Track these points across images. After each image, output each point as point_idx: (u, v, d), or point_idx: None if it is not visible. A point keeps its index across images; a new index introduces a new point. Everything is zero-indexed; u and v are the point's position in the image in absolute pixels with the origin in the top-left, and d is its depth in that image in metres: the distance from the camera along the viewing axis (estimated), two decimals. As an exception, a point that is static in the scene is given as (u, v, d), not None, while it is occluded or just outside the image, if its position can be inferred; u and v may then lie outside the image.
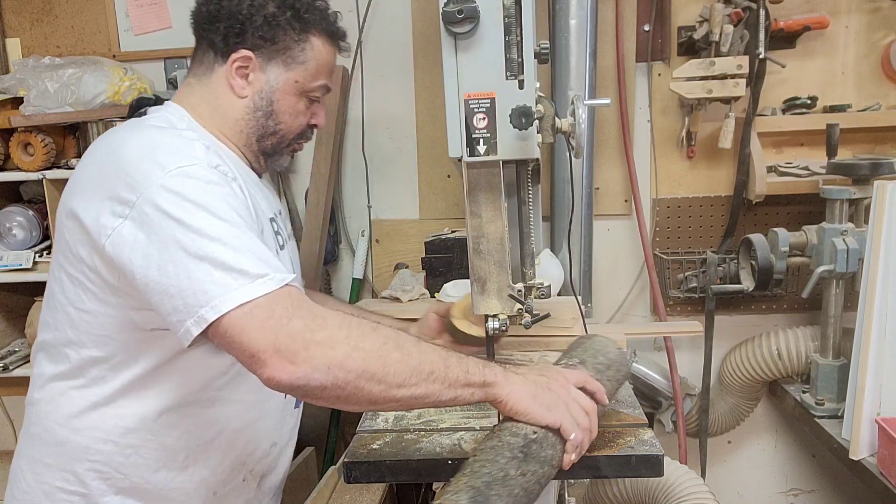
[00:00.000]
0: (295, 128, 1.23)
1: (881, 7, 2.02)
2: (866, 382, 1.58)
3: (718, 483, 2.29)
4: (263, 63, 1.16)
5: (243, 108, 1.18)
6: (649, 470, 1.10)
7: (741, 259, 1.99)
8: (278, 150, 1.24)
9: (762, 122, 2.02)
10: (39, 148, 1.99)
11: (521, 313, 1.28)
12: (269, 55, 1.16)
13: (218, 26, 1.14)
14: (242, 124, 1.19)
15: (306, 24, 1.17)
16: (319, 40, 1.20)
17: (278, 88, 1.17)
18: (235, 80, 1.16)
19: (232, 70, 1.15)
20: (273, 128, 1.20)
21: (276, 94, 1.18)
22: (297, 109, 1.21)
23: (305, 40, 1.18)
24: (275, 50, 1.16)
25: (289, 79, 1.18)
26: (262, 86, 1.17)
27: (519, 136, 1.13)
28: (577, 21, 1.94)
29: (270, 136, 1.21)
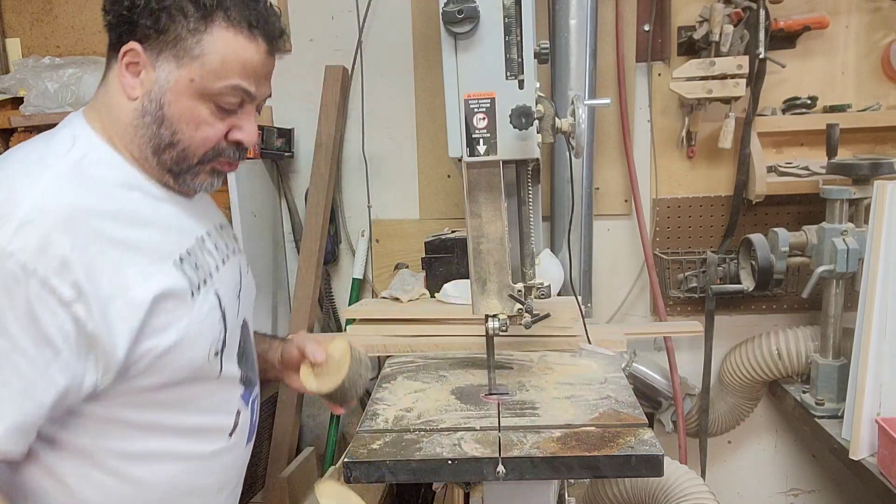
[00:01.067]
0: (199, 141, 0.99)
1: (881, 7, 2.02)
2: (866, 382, 1.58)
3: (718, 483, 2.28)
4: (152, 58, 0.95)
5: (132, 112, 0.97)
6: (649, 470, 1.10)
7: (741, 259, 1.99)
8: (185, 168, 1.00)
9: (762, 122, 2.02)
10: (39, 148, 1.98)
11: (521, 313, 1.28)
12: (158, 48, 0.95)
13: (109, 14, 0.97)
14: (132, 131, 0.98)
15: (202, 8, 0.94)
16: (223, 28, 0.96)
17: (169, 88, 0.96)
18: (125, 77, 0.97)
19: (122, 66, 0.96)
20: (168, 138, 0.97)
21: (168, 96, 0.96)
22: (196, 116, 0.97)
23: (202, 29, 0.95)
24: (164, 41, 0.94)
25: (181, 77, 0.95)
26: (151, 85, 0.96)
27: (519, 136, 1.13)
28: (577, 21, 1.94)
29: (168, 149, 0.98)
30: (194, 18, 0.95)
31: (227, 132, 1.01)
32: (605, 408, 1.26)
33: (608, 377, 1.42)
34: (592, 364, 1.51)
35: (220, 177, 1.06)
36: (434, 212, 2.25)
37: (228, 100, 0.98)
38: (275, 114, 2.24)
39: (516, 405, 1.29)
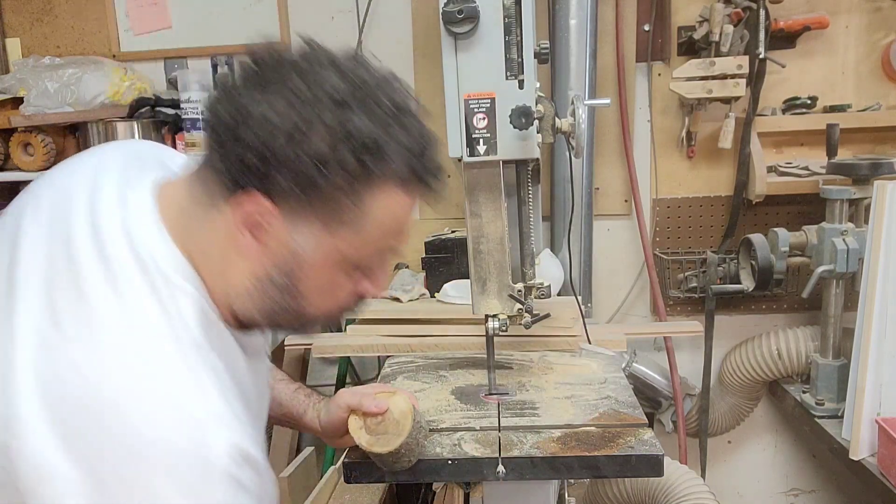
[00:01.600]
0: (329, 306, 0.80)
1: (881, 7, 2.02)
2: (866, 382, 1.58)
3: (718, 483, 2.28)
4: (289, 219, 0.71)
5: (249, 276, 0.75)
6: (649, 470, 1.10)
7: (741, 259, 1.99)
8: (296, 329, 0.84)
9: (762, 122, 2.02)
10: (39, 148, 1.99)
11: (521, 313, 1.28)
12: (299, 209, 0.71)
13: (231, 147, 0.69)
14: (244, 296, 0.76)
15: (369, 170, 0.70)
16: (389, 190, 0.73)
17: (307, 259, 0.74)
18: (242, 234, 0.73)
19: (238, 219, 0.72)
20: (294, 309, 0.78)
21: (304, 267, 0.74)
22: (335, 285, 0.78)
23: (362, 189, 0.71)
24: (308, 202, 0.70)
25: (327, 246, 0.73)
26: (282, 254, 0.73)
27: (519, 136, 1.13)
28: (577, 21, 1.94)
29: (286, 315, 0.79)
30: (355, 175, 0.70)
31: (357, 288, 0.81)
32: (605, 408, 1.26)
33: (608, 377, 1.42)
34: (592, 364, 1.51)
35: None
36: (434, 212, 2.25)
37: (375, 262, 0.79)
38: (275, 114, 2.24)
39: (516, 405, 1.29)
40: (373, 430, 1.02)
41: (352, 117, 0.68)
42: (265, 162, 0.68)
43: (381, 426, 1.02)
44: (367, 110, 0.69)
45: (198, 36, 2.21)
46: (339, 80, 0.70)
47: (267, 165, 0.68)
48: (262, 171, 0.68)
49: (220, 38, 2.21)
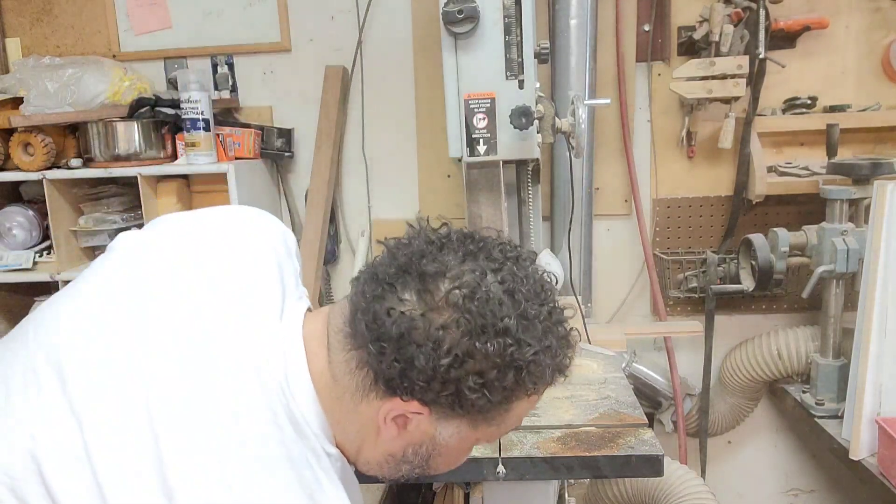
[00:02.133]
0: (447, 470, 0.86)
1: (881, 7, 2.02)
2: (866, 382, 1.58)
3: (718, 483, 2.28)
4: (439, 420, 0.75)
5: (384, 454, 0.80)
6: (649, 470, 1.10)
7: (741, 259, 1.99)
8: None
9: (762, 122, 2.02)
10: (39, 148, 1.99)
11: (521, 313, 1.27)
12: (452, 413, 0.74)
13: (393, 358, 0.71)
14: (375, 467, 0.82)
15: (526, 387, 0.74)
16: (532, 395, 0.78)
17: (447, 446, 0.78)
18: (388, 428, 0.76)
19: (388, 416, 0.75)
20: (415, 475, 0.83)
21: (442, 453, 0.79)
22: (461, 457, 0.84)
23: (516, 401, 0.76)
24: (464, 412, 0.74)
25: (469, 437, 0.78)
26: (423, 440, 0.78)
27: (519, 136, 1.13)
28: (577, 21, 1.94)
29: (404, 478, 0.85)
30: (513, 392, 0.74)
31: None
32: (605, 408, 1.26)
33: (608, 377, 1.42)
34: (592, 364, 1.51)
35: None
36: (434, 212, 2.24)
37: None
38: (275, 114, 2.25)
39: (516, 405, 1.29)
40: None
41: (518, 346, 0.70)
42: (429, 379, 0.70)
43: None
44: (528, 331, 0.71)
45: (198, 36, 2.21)
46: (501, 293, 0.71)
47: (430, 382, 0.70)
48: (423, 385, 0.71)
49: (220, 38, 2.21)
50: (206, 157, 1.96)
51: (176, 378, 0.72)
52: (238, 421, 0.70)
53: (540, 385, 0.76)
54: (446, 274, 0.72)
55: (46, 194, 2.00)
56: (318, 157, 2.16)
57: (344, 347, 0.76)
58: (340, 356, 0.76)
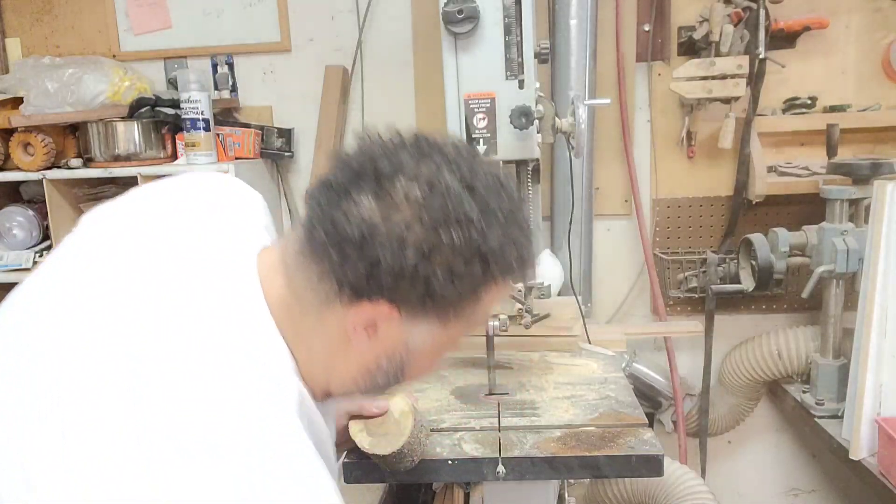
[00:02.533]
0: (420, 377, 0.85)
1: (881, 7, 2.02)
2: (866, 382, 1.58)
3: (718, 483, 2.28)
4: (408, 319, 0.73)
5: (357, 367, 0.78)
6: (649, 470, 1.10)
7: (741, 259, 1.99)
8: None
9: (762, 122, 2.02)
10: (39, 148, 1.99)
11: (521, 313, 1.28)
12: (422, 311, 0.73)
13: (357, 260, 0.69)
14: (349, 381, 0.80)
15: (493, 275, 0.73)
16: (500, 283, 0.76)
17: (420, 351, 0.77)
18: (358, 335, 0.74)
19: (357, 322, 0.73)
20: (393, 384, 0.82)
21: (415, 358, 0.78)
22: (435, 362, 0.83)
23: (484, 291, 0.74)
24: (433, 308, 0.73)
25: (440, 338, 0.77)
26: (396, 346, 0.76)
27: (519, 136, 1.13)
28: (577, 21, 1.94)
29: (380, 390, 0.84)
30: (481, 282, 0.73)
31: None
32: (605, 408, 1.26)
33: (608, 377, 1.42)
34: (592, 364, 1.51)
35: None
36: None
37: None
38: (275, 114, 2.25)
39: (516, 405, 1.29)
40: (374, 431, 1.01)
41: (481, 233, 0.70)
42: (395, 276, 0.68)
43: (383, 427, 1.01)
44: (490, 221, 0.71)
45: (198, 36, 2.22)
46: (460, 188, 0.70)
47: (397, 279, 0.69)
48: (391, 284, 0.69)
49: (220, 38, 2.21)
50: (206, 157, 1.97)
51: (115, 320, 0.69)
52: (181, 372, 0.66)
53: (506, 274, 0.75)
54: (402, 173, 0.69)
55: (46, 194, 2.00)
56: (318, 157, 2.16)
57: (302, 265, 0.73)
58: (300, 274, 0.74)
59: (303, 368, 0.76)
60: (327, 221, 0.70)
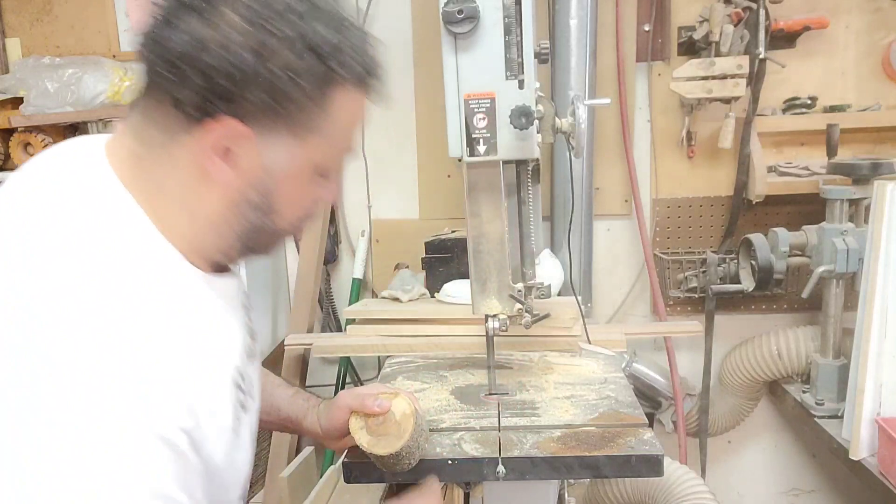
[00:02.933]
0: (297, 216, 0.80)
1: (881, 7, 2.02)
2: (866, 382, 1.58)
3: (718, 483, 2.28)
4: (261, 137, 0.71)
5: (219, 203, 0.73)
6: (649, 470, 1.10)
7: (741, 259, 1.99)
8: (267, 248, 0.82)
9: (762, 122, 2.02)
10: (39, 148, 1.99)
11: (521, 313, 1.28)
12: (270, 124, 0.71)
13: (192, 75, 0.67)
14: (218, 224, 0.75)
15: (334, 73, 0.71)
16: (348, 90, 0.74)
17: (282, 174, 0.74)
18: (214, 163, 0.71)
19: (208, 147, 0.70)
20: (268, 226, 0.77)
21: (280, 183, 0.74)
22: (307, 195, 0.78)
23: (329, 95, 0.72)
24: (279, 114, 0.70)
25: (300, 158, 0.74)
26: (257, 172, 0.73)
27: (519, 136, 1.13)
28: (577, 21, 1.94)
29: (257, 234, 0.78)
30: (322, 80, 0.71)
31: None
32: (605, 408, 1.26)
33: (608, 377, 1.42)
34: (592, 364, 1.51)
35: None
36: (434, 212, 2.25)
37: (337, 165, 0.80)
38: (275, 114, 2.24)
39: (516, 405, 1.29)
40: (374, 430, 1.01)
41: (310, 25, 0.69)
42: (235, 83, 0.67)
43: (383, 427, 1.01)
44: (318, 17, 0.70)
45: (198, 36, 2.21)
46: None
47: (237, 86, 0.67)
48: (231, 93, 0.68)
49: (220, 38, 2.21)
50: (206, 157, 1.96)
51: None
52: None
53: (351, 75, 0.73)
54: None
55: (46, 194, 1.99)
56: (318, 157, 2.16)
57: (142, 105, 0.73)
58: (143, 118, 0.73)
59: (167, 226, 0.73)
60: (155, 44, 0.68)
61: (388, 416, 1.01)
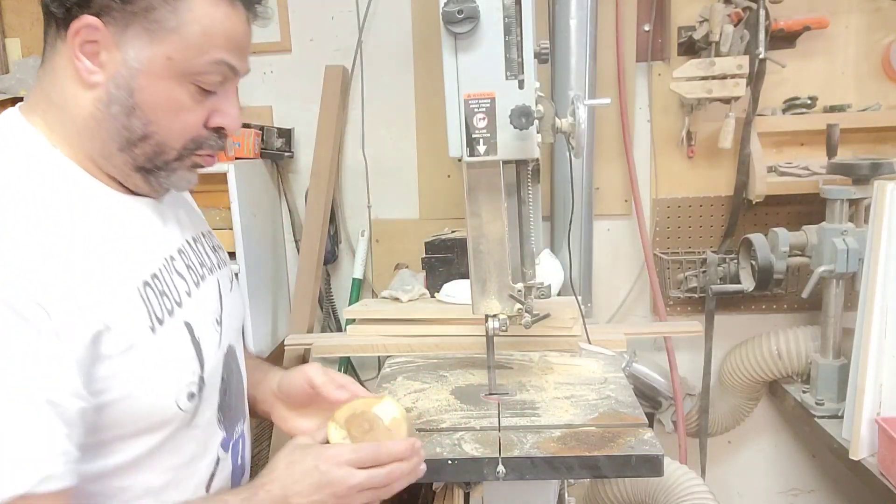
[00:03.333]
0: (179, 130, 0.83)
1: (881, 7, 2.02)
2: (866, 382, 1.58)
3: (718, 483, 2.28)
4: (117, 34, 0.77)
5: (93, 103, 0.80)
6: (649, 470, 1.10)
7: (741, 259, 1.99)
8: (161, 164, 0.84)
9: (762, 122, 2.02)
10: (39, 148, 1.99)
11: (521, 313, 1.28)
12: (123, 21, 0.77)
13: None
14: (93, 126, 0.80)
15: None
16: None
17: (141, 70, 0.79)
18: (81, 61, 0.78)
19: (75, 48, 0.78)
20: (141, 130, 0.81)
21: (140, 80, 0.79)
22: (175, 101, 0.81)
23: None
24: (132, 13, 0.77)
25: (156, 55, 0.79)
26: (117, 68, 0.79)
27: (519, 136, 1.13)
28: (577, 21, 1.94)
29: (141, 143, 0.82)
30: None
31: (207, 118, 0.85)
32: (605, 408, 1.26)
33: (608, 377, 1.42)
34: (592, 364, 1.51)
35: (197, 172, 0.90)
36: (434, 212, 2.25)
37: (211, 78, 0.83)
38: (275, 114, 2.25)
39: (516, 405, 1.29)
40: (359, 439, 0.91)
41: None
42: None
43: (370, 435, 0.91)
44: None
45: (198, 36, 2.21)
46: None
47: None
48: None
49: (220, 38, 2.21)
50: (206, 157, 1.96)
51: None
52: None
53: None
54: None
55: (46, 194, 1.99)
56: (318, 157, 2.16)
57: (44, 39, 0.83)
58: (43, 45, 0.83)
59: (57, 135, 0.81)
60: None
61: (375, 423, 0.92)
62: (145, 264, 0.83)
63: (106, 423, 0.76)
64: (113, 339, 0.75)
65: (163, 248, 0.88)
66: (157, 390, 0.80)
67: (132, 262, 0.81)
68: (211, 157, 0.89)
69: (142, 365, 0.78)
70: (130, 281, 0.80)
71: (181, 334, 0.85)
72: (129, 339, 0.77)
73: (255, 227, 2.09)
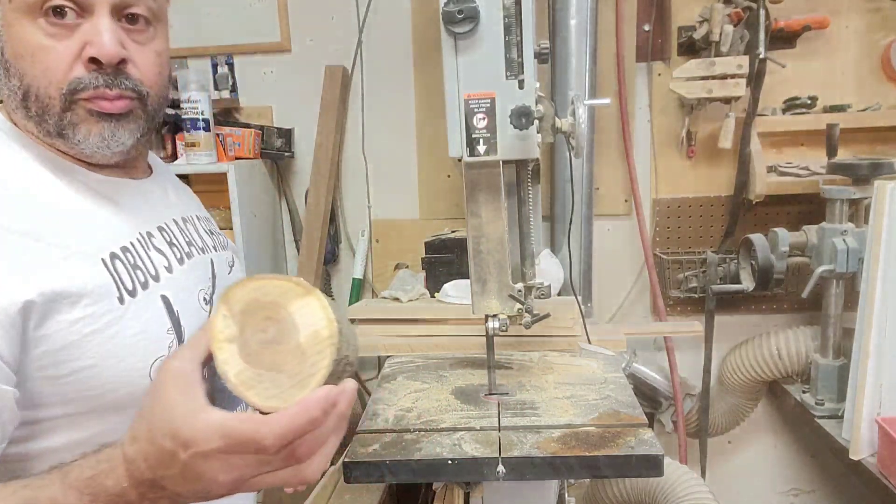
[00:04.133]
0: (44, 74, 0.77)
1: (881, 7, 2.02)
2: (866, 382, 1.58)
3: (718, 483, 2.28)
4: None
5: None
6: (649, 470, 1.10)
7: (741, 259, 1.99)
8: (56, 121, 0.79)
9: (762, 122, 2.02)
10: (39, 148, 1.99)
11: (521, 313, 1.28)
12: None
13: None
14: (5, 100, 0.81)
15: None
16: None
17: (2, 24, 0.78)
18: None
19: None
20: (20, 86, 0.78)
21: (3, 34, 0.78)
22: (32, 43, 0.76)
23: None
24: None
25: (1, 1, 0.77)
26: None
27: (519, 136, 1.13)
28: (577, 21, 1.94)
29: (29, 103, 0.79)
30: None
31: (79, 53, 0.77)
32: (605, 408, 1.26)
33: (608, 377, 1.42)
34: (592, 364, 1.51)
35: (111, 122, 0.81)
36: (434, 212, 2.25)
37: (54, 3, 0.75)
38: (275, 114, 2.25)
39: (516, 405, 1.29)
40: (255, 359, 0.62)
41: None
42: None
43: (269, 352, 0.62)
44: None
45: (198, 36, 2.22)
46: None
47: None
48: None
49: (220, 38, 2.21)
50: (206, 157, 1.97)
51: None
52: None
53: None
54: None
55: (46, 194, 1.99)
56: (318, 157, 2.16)
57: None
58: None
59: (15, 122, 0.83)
60: None
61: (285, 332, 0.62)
62: (113, 238, 0.83)
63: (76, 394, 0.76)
64: (64, 306, 0.74)
65: (138, 224, 0.88)
66: (127, 360, 0.79)
67: (97, 236, 0.81)
68: (104, 99, 0.79)
69: (109, 333, 0.77)
70: (95, 253, 0.79)
71: (156, 307, 0.84)
72: (93, 308, 0.76)
73: (255, 227, 2.09)
